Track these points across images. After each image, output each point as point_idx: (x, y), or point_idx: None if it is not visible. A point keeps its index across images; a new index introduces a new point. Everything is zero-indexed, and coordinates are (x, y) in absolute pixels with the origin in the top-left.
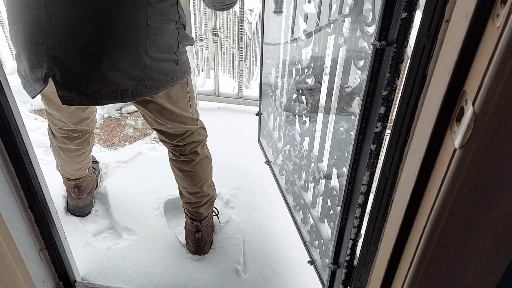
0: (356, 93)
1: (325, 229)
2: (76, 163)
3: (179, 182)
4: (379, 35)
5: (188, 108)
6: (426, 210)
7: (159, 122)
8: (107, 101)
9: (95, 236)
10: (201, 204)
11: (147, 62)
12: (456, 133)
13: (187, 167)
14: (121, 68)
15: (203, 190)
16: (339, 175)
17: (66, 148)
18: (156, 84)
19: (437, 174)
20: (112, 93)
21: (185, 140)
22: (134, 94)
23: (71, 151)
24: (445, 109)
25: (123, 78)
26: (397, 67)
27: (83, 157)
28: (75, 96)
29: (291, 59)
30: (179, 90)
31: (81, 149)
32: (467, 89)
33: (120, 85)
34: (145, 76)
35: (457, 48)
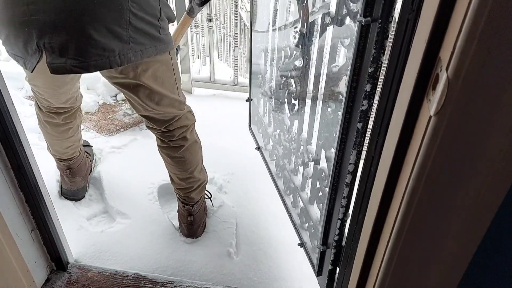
0: (343, 72)
1: (314, 211)
2: (64, 140)
3: (169, 169)
4: (364, 11)
5: (175, 89)
6: (404, 181)
7: (146, 108)
8: (94, 67)
9: (89, 220)
10: (192, 189)
11: (131, 19)
12: (432, 101)
13: (177, 153)
14: (104, 24)
15: (193, 175)
16: (327, 156)
17: (53, 123)
18: (141, 48)
19: (414, 143)
20: (98, 55)
21: (173, 125)
22: (122, 58)
23: (58, 126)
24: (422, 78)
25: (107, 36)
26: (382, 43)
27: (71, 132)
28: (62, 62)
29: (280, 43)
30: (165, 71)
31: (68, 124)
32: (442, 56)
33: (105, 44)
34: (129, 36)
35: (432, 14)
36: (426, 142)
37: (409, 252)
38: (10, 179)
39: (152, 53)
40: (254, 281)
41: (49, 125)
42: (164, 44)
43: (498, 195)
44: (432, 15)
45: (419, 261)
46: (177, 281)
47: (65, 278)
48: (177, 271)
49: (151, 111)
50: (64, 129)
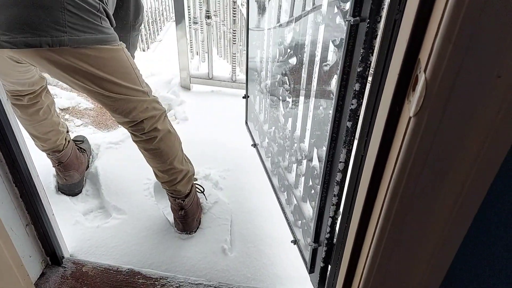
0: (334, 71)
1: (307, 209)
2: (38, 124)
3: (149, 163)
4: (353, 11)
5: (129, 78)
6: (386, 180)
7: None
8: (24, 44)
9: (85, 215)
10: (177, 181)
11: (66, 4)
12: (412, 102)
13: (151, 145)
14: (40, 5)
15: (174, 166)
16: (319, 154)
17: (20, 105)
18: (79, 34)
19: (396, 143)
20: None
21: (139, 116)
22: (54, 40)
23: (26, 107)
24: (402, 79)
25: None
26: (371, 43)
27: (42, 114)
28: None
29: (275, 40)
30: (116, 60)
31: (35, 104)
32: (421, 57)
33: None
34: (65, 20)
35: (412, 16)
36: (406, 142)
37: (392, 250)
38: (4, 174)
39: (92, 42)
40: (248, 277)
41: (18, 108)
42: (105, 35)
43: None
44: (412, 17)
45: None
46: (171, 277)
47: (59, 273)
48: (171, 266)
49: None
50: (33, 110)
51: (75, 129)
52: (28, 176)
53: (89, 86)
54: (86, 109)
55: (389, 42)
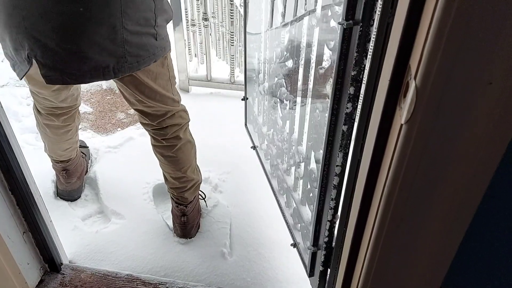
0: (329, 74)
1: (306, 212)
2: (63, 142)
3: (163, 168)
4: (346, 14)
5: (168, 87)
6: (380, 186)
7: (138, 99)
8: (89, 79)
9: (84, 220)
10: (186, 189)
11: (125, 36)
12: (403, 109)
13: (170, 153)
14: (99, 44)
15: (187, 175)
16: (316, 157)
17: (52, 125)
18: (138, 60)
19: (388, 150)
20: (93, 70)
21: (166, 122)
22: (116, 71)
23: (57, 128)
24: (394, 85)
25: (102, 54)
26: (365, 46)
27: (70, 135)
28: (57, 75)
29: (272, 42)
30: (158, 66)
31: (67, 126)
32: (412, 64)
33: (100, 62)
34: (125, 51)
35: (402, 22)
36: (398, 150)
37: (388, 255)
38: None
39: (150, 62)
40: (248, 282)
41: (48, 128)
42: (161, 49)
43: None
44: (402, 23)
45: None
46: (170, 282)
47: (58, 280)
48: (170, 271)
49: (142, 104)
50: (63, 131)
51: None
52: (24, 184)
53: (139, 96)
54: (85, 113)
55: (382, 46)
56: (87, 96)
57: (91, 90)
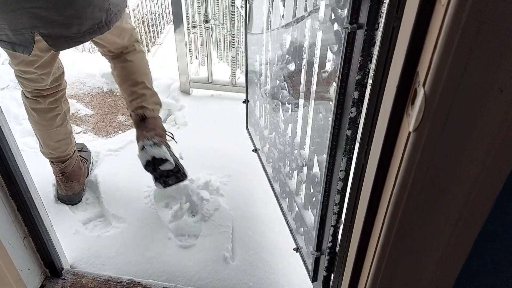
0: (332, 78)
1: (308, 216)
2: (53, 130)
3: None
4: (350, 18)
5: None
6: (387, 194)
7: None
8: (88, 37)
9: (85, 224)
10: (145, 98)
11: None
12: (411, 116)
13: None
14: (91, 3)
15: (144, 82)
16: (319, 161)
17: (40, 109)
18: (118, 9)
19: (395, 158)
20: (91, 29)
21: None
22: (108, 23)
23: (45, 112)
24: (401, 92)
25: (94, 12)
26: (369, 50)
27: (59, 120)
28: (62, 41)
29: (274, 45)
30: None
31: (55, 109)
32: (420, 70)
33: (95, 19)
34: (109, 4)
35: (410, 27)
36: (406, 158)
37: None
38: (0, 188)
39: (124, 8)
40: (250, 286)
41: (36, 112)
42: None
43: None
44: (410, 28)
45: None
46: (171, 287)
47: (59, 285)
48: (172, 276)
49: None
50: (51, 115)
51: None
52: (25, 189)
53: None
54: (85, 115)
55: (388, 51)
56: (88, 99)
57: (92, 92)
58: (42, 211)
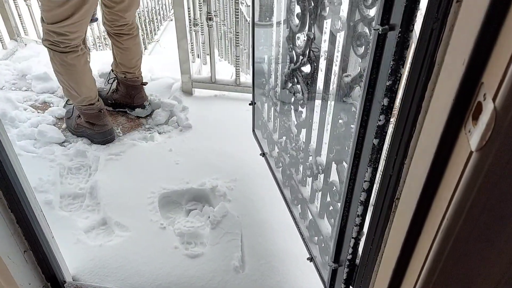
0: (356, 83)
1: (324, 226)
2: (88, 72)
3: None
4: (382, 18)
5: None
6: (437, 216)
7: None
8: None
9: (86, 233)
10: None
11: None
12: (472, 133)
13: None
14: None
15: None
16: (339, 170)
17: (78, 57)
18: None
19: (449, 178)
20: None
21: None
22: None
23: (82, 58)
24: (459, 104)
25: None
26: (402, 54)
27: (89, 63)
28: None
29: (285, 44)
30: None
31: (85, 53)
32: (486, 81)
33: None
34: None
35: (474, 33)
36: (466, 180)
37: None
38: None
39: None
40: None
41: (77, 61)
42: None
43: None
44: (474, 33)
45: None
46: None
47: None
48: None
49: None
50: (85, 59)
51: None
52: (24, 200)
53: None
54: None
55: (425, 54)
56: None
57: None
58: (42, 222)
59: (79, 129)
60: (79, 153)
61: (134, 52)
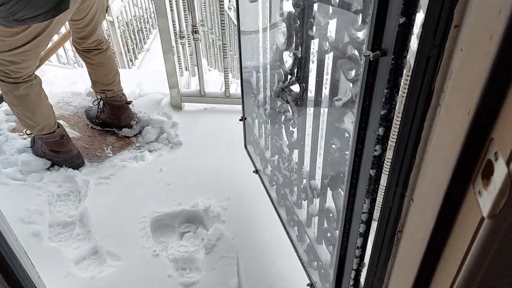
0: (348, 108)
1: (323, 252)
2: (45, 100)
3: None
4: (372, 43)
5: None
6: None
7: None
8: None
9: (77, 264)
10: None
11: None
12: (483, 196)
13: (107, 53)
14: None
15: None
16: (335, 197)
17: (31, 86)
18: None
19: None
20: None
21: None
22: None
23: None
24: (464, 159)
25: None
26: (396, 81)
27: (42, 89)
28: None
29: (272, 61)
30: None
31: (39, 82)
32: (497, 138)
33: None
34: None
35: (480, 78)
36: (478, 247)
37: None
38: None
39: None
40: None
41: (30, 90)
42: None
43: None
44: (480, 78)
45: None
46: None
47: None
48: None
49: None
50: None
51: None
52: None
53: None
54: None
55: (421, 85)
56: (74, 120)
57: (78, 113)
58: (26, 264)
59: (46, 156)
60: (68, 178)
61: (108, 67)
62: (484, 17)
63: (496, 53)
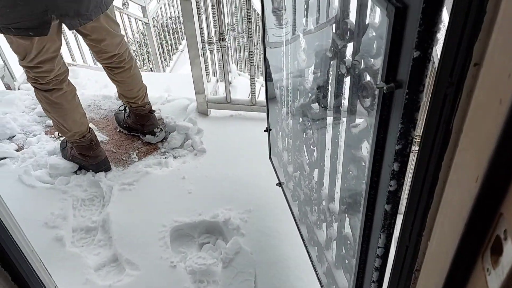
0: (364, 136)
1: (341, 278)
2: (77, 108)
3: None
4: (387, 75)
5: None
6: None
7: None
8: (94, 15)
9: (97, 271)
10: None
11: None
12: (492, 276)
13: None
14: None
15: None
16: (352, 225)
17: (62, 94)
18: None
19: None
20: (95, 7)
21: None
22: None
23: (67, 95)
24: (472, 230)
25: None
26: (412, 116)
27: (76, 99)
28: (75, 21)
29: (294, 76)
30: None
31: (72, 90)
32: (507, 213)
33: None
34: None
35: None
36: None
37: None
38: None
39: None
40: None
41: (61, 98)
42: None
43: None
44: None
45: None
46: None
47: None
48: None
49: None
50: (72, 95)
51: None
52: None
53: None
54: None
55: (438, 124)
56: (104, 123)
57: (108, 116)
58: (42, 275)
59: (74, 160)
60: (93, 183)
61: (131, 84)
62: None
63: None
